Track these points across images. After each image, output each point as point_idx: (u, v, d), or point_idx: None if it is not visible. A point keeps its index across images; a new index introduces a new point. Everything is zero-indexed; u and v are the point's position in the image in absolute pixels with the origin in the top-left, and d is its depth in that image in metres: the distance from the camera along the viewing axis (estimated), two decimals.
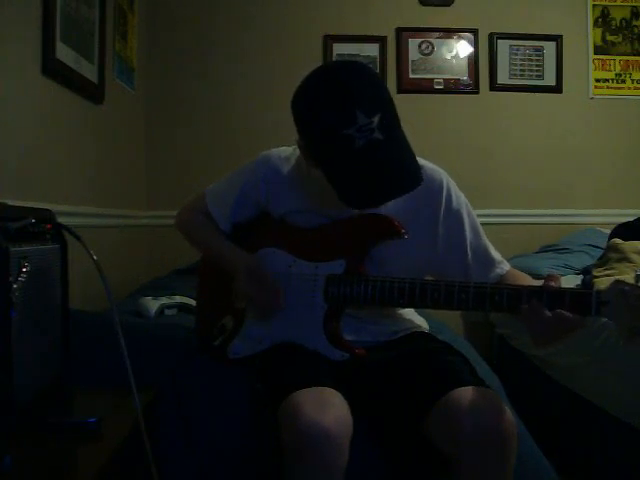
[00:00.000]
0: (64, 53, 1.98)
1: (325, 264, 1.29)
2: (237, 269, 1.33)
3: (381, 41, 3.21)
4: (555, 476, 1.26)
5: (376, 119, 1.10)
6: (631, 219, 2.63)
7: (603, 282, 2.03)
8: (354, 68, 1.19)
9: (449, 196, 1.33)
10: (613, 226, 2.66)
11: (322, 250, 1.30)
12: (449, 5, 3.24)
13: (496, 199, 3.22)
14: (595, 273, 2.30)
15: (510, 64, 3.27)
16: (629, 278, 1.11)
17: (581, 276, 2.52)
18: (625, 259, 2.23)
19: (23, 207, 1.07)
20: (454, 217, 1.33)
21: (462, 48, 3.25)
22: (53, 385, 1.10)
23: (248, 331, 1.35)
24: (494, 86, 3.27)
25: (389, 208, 1.25)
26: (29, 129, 1.81)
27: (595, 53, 3.29)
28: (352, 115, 1.10)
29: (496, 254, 1.37)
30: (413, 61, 3.24)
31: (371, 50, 3.21)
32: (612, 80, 3.29)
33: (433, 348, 1.32)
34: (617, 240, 2.38)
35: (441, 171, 1.36)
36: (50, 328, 1.10)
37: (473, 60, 3.25)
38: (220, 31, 3.18)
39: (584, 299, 1.05)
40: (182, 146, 3.17)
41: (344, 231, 1.31)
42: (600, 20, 3.29)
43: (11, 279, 0.91)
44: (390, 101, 1.16)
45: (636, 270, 1.07)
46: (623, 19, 3.29)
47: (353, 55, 3.17)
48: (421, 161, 1.25)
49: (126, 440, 1.02)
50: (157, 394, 1.28)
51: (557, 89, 3.27)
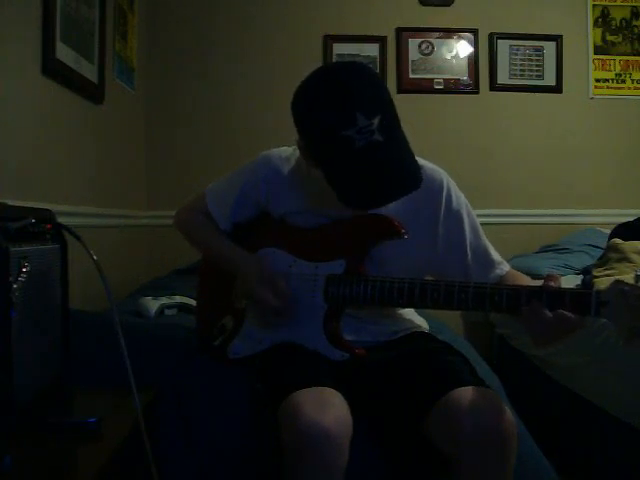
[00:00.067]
0: (64, 53, 1.98)
1: (325, 264, 1.29)
2: (241, 269, 1.33)
3: (381, 41, 3.21)
4: (555, 476, 1.26)
5: (376, 121, 1.10)
6: (631, 219, 2.63)
7: (603, 282, 2.03)
8: (354, 69, 1.19)
9: (449, 196, 1.33)
10: (613, 226, 2.66)
11: (322, 250, 1.30)
12: (449, 5, 3.24)
13: (496, 199, 3.22)
14: (595, 273, 2.30)
15: (510, 64, 3.26)
16: (629, 278, 1.11)
17: (581, 276, 2.52)
18: (625, 259, 2.23)
19: (23, 207, 1.07)
20: (454, 217, 1.33)
21: (462, 48, 3.25)
22: (53, 385, 1.10)
23: (248, 331, 1.35)
24: (494, 86, 3.27)
25: (389, 208, 1.24)
26: (29, 129, 1.81)
27: (595, 53, 3.29)
28: (352, 116, 1.10)
29: (496, 255, 1.37)
30: (413, 61, 3.24)
31: (371, 50, 3.21)
32: (612, 80, 3.29)
33: (433, 348, 1.32)
34: (617, 240, 2.38)
35: (441, 171, 1.36)
36: (50, 328, 1.10)
37: (473, 60, 3.25)
38: (220, 31, 3.18)
39: (584, 299, 1.05)
40: (182, 146, 3.17)
41: (344, 231, 1.31)
42: (600, 20, 3.29)
43: (11, 279, 0.91)
44: (390, 102, 1.16)
45: (636, 270, 1.07)
46: (623, 19, 3.30)
47: (353, 55, 3.17)
48: (421, 161, 1.25)
49: (126, 440, 1.02)
50: (157, 394, 1.28)
51: (557, 89, 3.27)
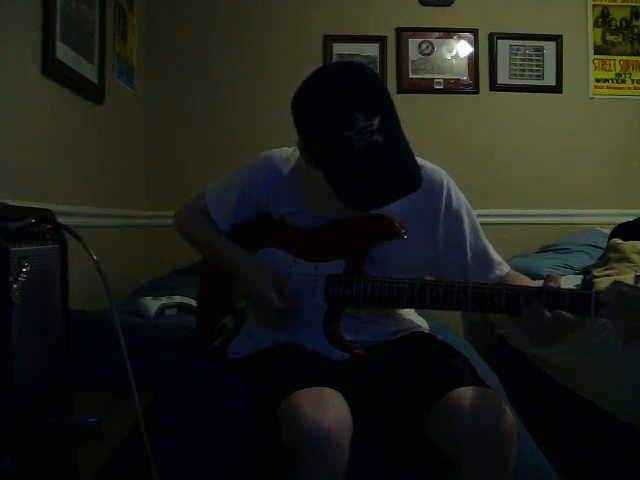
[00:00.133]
0: (64, 53, 1.98)
1: (325, 264, 1.29)
2: (241, 269, 1.33)
3: (381, 41, 3.21)
4: (555, 476, 1.26)
5: (376, 121, 1.10)
6: (631, 219, 2.63)
7: (603, 282, 2.03)
8: (354, 69, 1.19)
9: (449, 196, 1.33)
10: (613, 226, 2.66)
11: (322, 250, 1.30)
12: (449, 5, 3.24)
13: (496, 199, 3.22)
14: (595, 273, 2.30)
15: (510, 64, 3.26)
16: (629, 278, 1.11)
17: (581, 276, 2.52)
18: (625, 259, 2.23)
19: (23, 207, 1.07)
20: (454, 217, 1.33)
21: (462, 48, 3.25)
22: (53, 385, 1.10)
23: (248, 331, 1.35)
24: (494, 86, 3.26)
25: (389, 208, 1.24)
26: (29, 129, 1.81)
27: (595, 53, 3.29)
28: (352, 117, 1.10)
29: (496, 255, 1.36)
30: (413, 61, 3.24)
31: (371, 50, 3.21)
32: (612, 80, 3.29)
33: (433, 348, 1.32)
34: (617, 240, 2.38)
35: (441, 171, 1.36)
36: (50, 328, 1.10)
37: (473, 60, 3.25)
38: (220, 31, 3.18)
39: (583, 300, 1.05)
40: (182, 146, 3.17)
41: (344, 231, 1.31)
42: (600, 20, 3.29)
43: (11, 279, 0.91)
44: (390, 102, 1.16)
45: (636, 270, 1.06)
46: (623, 19, 3.29)
47: (353, 55, 3.17)
48: (421, 161, 1.25)
49: (126, 440, 1.02)
50: (157, 394, 1.28)
51: (557, 89, 3.27)
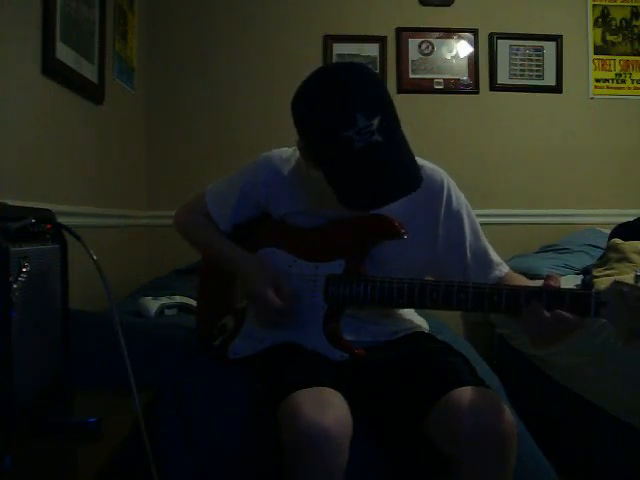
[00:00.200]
0: (64, 53, 1.98)
1: (325, 264, 1.29)
2: (242, 269, 1.33)
3: (381, 41, 3.21)
4: (555, 476, 1.26)
5: (376, 122, 1.10)
6: (631, 219, 2.63)
7: (603, 282, 2.03)
8: (354, 69, 1.19)
9: (449, 196, 1.33)
10: (613, 226, 2.66)
11: (322, 250, 1.30)
12: (449, 5, 3.24)
13: (496, 199, 3.21)
14: (595, 273, 2.30)
15: (510, 64, 3.26)
16: (629, 278, 1.11)
17: (581, 276, 2.52)
18: (625, 259, 2.23)
19: (23, 207, 1.07)
20: (454, 218, 1.33)
21: (462, 48, 3.25)
22: (53, 385, 1.10)
23: (248, 331, 1.35)
24: (494, 86, 3.26)
25: (389, 208, 1.24)
26: (29, 129, 1.81)
27: (595, 53, 3.29)
28: (352, 117, 1.10)
29: (495, 256, 1.36)
30: (413, 61, 3.24)
31: (371, 50, 3.21)
32: (612, 80, 3.29)
33: (433, 348, 1.32)
34: (617, 240, 2.38)
35: (441, 171, 1.36)
36: (50, 328, 1.10)
37: (473, 60, 3.25)
38: (220, 31, 3.18)
39: (583, 300, 1.05)
40: (182, 146, 3.17)
41: (344, 231, 1.31)
42: (600, 20, 3.29)
43: (11, 279, 0.91)
44: (390, 102, 1.16)
45: (636, 270, 1.06)
46: (623, 19, 3.29)
47: (353, 55, 3.17)
48: (421, 161, 1.25)
49: (126, 440, 1.02)
50: (157, 394, 1.28)
51: (557, 89, 3.27)
